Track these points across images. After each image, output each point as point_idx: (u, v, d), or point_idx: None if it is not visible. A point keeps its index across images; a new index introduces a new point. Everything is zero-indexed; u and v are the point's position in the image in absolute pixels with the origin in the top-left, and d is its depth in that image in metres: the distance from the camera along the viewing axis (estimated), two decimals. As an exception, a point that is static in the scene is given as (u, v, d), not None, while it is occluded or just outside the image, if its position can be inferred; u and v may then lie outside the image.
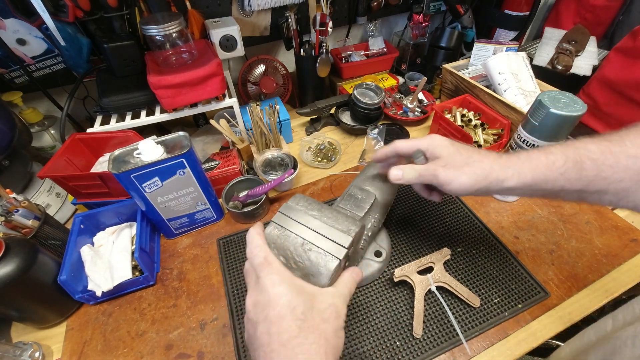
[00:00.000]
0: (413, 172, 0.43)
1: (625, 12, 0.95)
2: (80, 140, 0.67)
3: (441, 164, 0.41)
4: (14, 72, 0.71)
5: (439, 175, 0.40)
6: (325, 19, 0.82)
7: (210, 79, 0.67)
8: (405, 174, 0.43)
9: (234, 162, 0.71)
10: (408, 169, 0.43)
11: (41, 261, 0.50)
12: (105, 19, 0.69)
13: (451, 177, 0.40)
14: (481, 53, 0.93)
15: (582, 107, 0.51)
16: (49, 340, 0.54)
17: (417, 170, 0.43)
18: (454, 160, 0.41)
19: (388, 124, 0.91)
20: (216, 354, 0.50)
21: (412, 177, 0.43)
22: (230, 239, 0.65)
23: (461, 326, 0.51)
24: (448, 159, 0.41)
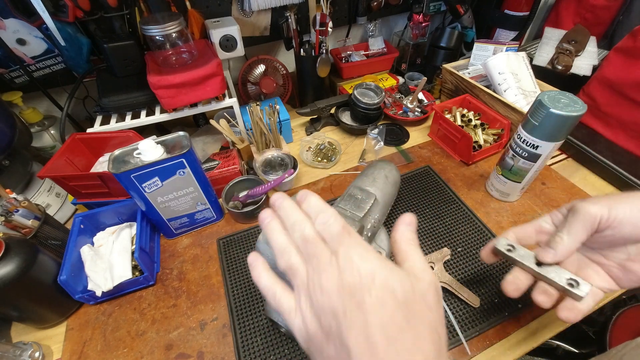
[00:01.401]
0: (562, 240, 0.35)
1: (625, 12, 0.95)
2: (80, 140, 0.67)
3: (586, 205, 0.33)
4: (14, 72, 0.71)
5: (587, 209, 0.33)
6: (325, 19, 0.82)
7: (210, 79, 0.67)
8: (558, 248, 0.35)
9: (234, 162, 0.71)
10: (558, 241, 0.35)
11: (41, 261, 0.50)
12: (105, 19, 0.69)
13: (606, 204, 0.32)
14: (481, 53, 0.93)
15: (582, 107, 0.51)
16: (49, 340, 0.54)
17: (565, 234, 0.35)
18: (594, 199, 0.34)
19: (388, 124, 0.91)
20: (216, 354, 0.50)
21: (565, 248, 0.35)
22: (230, 239, 0.65)
23: (461, 326, 0.51)
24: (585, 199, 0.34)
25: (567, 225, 0.34)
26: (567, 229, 0.34)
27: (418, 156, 0.81)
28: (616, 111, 0.75)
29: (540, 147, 0.56)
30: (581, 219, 0.33)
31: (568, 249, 0.35)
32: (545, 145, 0.55)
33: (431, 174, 0.76)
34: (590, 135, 0.77)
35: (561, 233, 0.35)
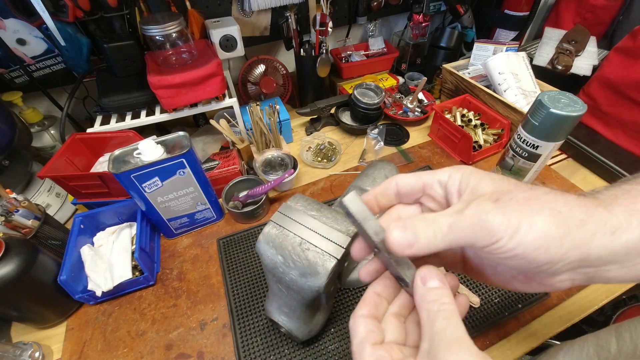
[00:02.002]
0: (434, 226, 0.22)
1: (625, 12, 0.95)
2: (80, 140, 0.67)
3: (487, 200, 0.22)
4: (14, 72, 0.71)
5: (491, 221, 0.21)
6: (325, 19, 0.82)
7: (210, 79, 0.67)
8: (419, 232, 0.22)
9: (234, 162, 0.71)
10: (421, 224, 0.22)
11: (41, 261, 0.50)
12: (105, 19, 0.69)
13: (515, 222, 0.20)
14: (481, 53, 0.93)
15: (582, 107, 0.51)
16: (49, 340, 0.54)
17: (442, 223, 0.22)
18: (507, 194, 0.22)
19: (388, 124, 0.91)
20: (216, 354, 0.50)
21: (433, 237, 0.22)
22: (230, 239, 0.65)
23: (461, 326, 0.51)
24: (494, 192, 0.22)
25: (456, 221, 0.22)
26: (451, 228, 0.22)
27: (418, 156, 0.81)
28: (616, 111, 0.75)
29: (540, 147, 0.56)
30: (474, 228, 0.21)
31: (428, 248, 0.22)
32: (545, 145, 0.55)
33: (431, 174, 0.76)
34: (590, 135, 0.78)
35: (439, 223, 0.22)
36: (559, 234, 0.20)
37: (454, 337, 0.20)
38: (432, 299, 0.21)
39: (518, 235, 0.20)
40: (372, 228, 0.23)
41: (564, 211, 0.21)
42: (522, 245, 0.20)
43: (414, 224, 0.22)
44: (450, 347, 0.19)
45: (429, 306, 0.21)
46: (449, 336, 0.20)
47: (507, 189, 0.22)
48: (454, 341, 0.20)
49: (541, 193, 0.22)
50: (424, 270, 0.23)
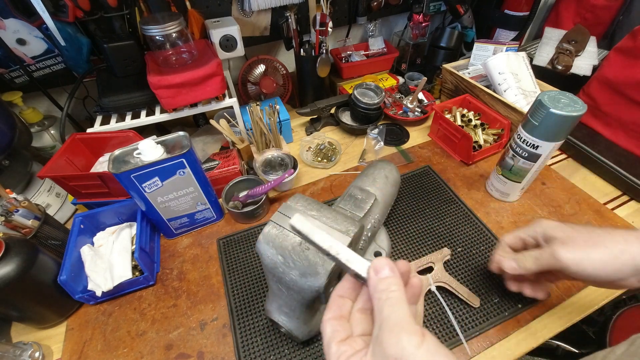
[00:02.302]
0: (528, 258, 0.40)
1: (625, 12, 0.95)
2: (80, 140, 0.67)
3: (559, 243, 0.38)
4: (14, 72, 0.71)
5: (560, 254, 0.36)
6: (325, 19, 0.82)
7: (210, 79, 0.67)
8: (520, 262, 0.41)
9: (234, 162, 0.71)
10: (521, 257, 0.41)
11: (41, 261, 0.50)
12: (105, 19, 0.69)
13: (579, 256, 0.35)
14: (481, 53, 0.93)
15: (582, 107, 0.51)
16: (49, 340, 0.54)
17: (532, 256, 0.40)
18: (574, 238, 0.37)
19: (388, 124, 0.91)
20: (216, 354, 0.50)
21: (528, 264, 0.40)
22: (230, 239, 0.65)
23: (461, 326, 0.51)
24: (566, 238, 0.38)
25: (540, 257, 0.40)
26: (538, 260, 0.40)
27: (418, 156, 0.81)
28: (616, 111, 0.75)
29: (540, 147, 0.56)
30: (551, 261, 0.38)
31: (527, 272, 0.41)
32: (545, 145, 0.55)
33: (431, 174, 0.76)
34: (590, 135, 0.78)
35: (532, 259, 0.40)
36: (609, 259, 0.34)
37: (396, 321, 0.23)
38: (382, 288, 0.24)
39: (581, 265, 0.35)
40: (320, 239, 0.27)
41: (610, 246, 0.35)
42: (584, 271, 0.35)
43: (517, 257, 0.43)
44: (392, 330, 0.22)
45: (379, 295, 0.24)
46: (392, 321, 0.23)
47: (571, 236, 0.38)
48: (395, 325, 0.23)
49: (595, 235, 0.37)
50: (376, 262, 0.26)
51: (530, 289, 0.46)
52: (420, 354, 0.21)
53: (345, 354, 0.25)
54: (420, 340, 0.22)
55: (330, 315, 0.28)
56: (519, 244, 0.46)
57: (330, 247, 0.28)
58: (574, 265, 0.35)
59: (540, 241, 0.42)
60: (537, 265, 0.39)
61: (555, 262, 0.37)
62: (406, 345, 0.21)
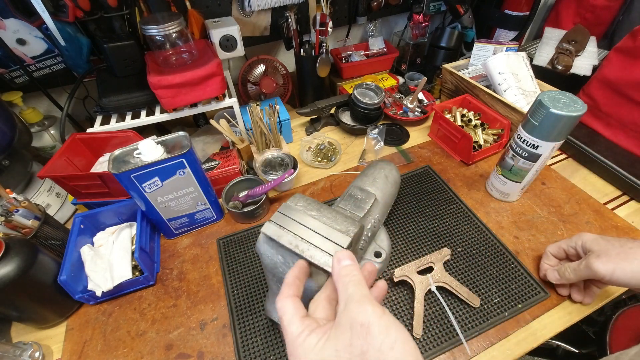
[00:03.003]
0: (568, 269, 0.48)
1: (625, 12, 0.95)
2: (80, 140, 0.67)
3: (594, 256, 0.44)
4: (14, 72, 0.71)
5: (595, 266, 0.43)
6: (325, 19, 0.82)
7: (210, 79, 0.67)
8: (561, 273, 0.49)
9: (234, 162, 0.71)
10: (562, 268, 0.49)
11: (41, 261, 0.50)
12: (105, 19, 0.69)
13: (611, 267, 0.42)
14: (481, 53, 0.92)
15: (582, 107, 0.51)
16: (49, 340, 0.54)
17: (572, 267, 0.47)
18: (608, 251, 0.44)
19: (388, 124, 0.91)
20: (216, 354, 0.50)
21: (568, 275, 0.48)
22: (230, 239, 0.65)
23: (461, 326, 0.51)
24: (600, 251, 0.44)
25: (577, 269, 0.46)
26: (576, 271, 0.47)
27: (418, 156, 0.81)
28: (616, 111, 0.75)
29: (540, 147, 0.56)
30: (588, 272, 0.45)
31: (568, 281, 0.49)
32: (545, 145, 0.55)
33: (431, 174, 0.76)
34: (590, 135, 0.78)
35: (571, 270, 0.48)
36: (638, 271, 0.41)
37: (362, 295, 0.27)
38: (346, 273, 0.30)
39: (615, 274, 0.42)
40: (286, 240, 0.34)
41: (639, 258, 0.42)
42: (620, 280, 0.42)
43: (559, 268, 0.51)
44: (360, 302, 0.27)
45: (344, 278, 0.29)
46: (359, 295, 0.27)
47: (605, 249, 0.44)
48: (362, 298, 0.27)
49: (627, 248, 0.43)
50: (339, 254, 0.31)
51: (578, 294, 0.51)
52: (383, 322, 0.25)
53: (310, 327, 0.28)
54: (382, 312, 0.26)
55: (290, 292, 0.31)
56: (562, 254, 0.52)
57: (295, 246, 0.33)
58: (608, 275, 0.42)
59: (580, 252, 0.48)
60: (576, 276, 0.46)
61: (591, 273, 0.43)
62: (371, 314, 0.26)
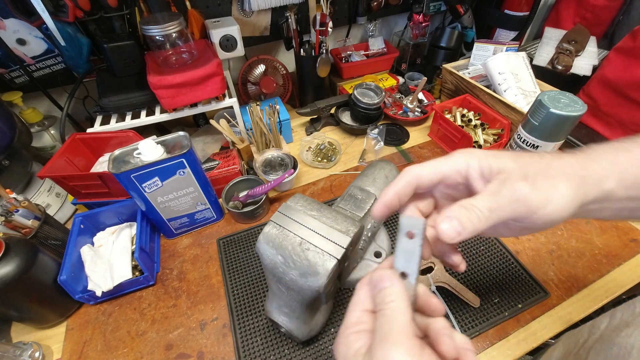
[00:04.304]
0: (476, 211, 0.24)
1: (625, 12, 0.95)
2: (80, 140, 0.67)
3: (516, 177, 0.25)
4: (14, 72, 0.71)
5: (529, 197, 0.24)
6: (325, 19, 0.82)
7: (210, 79, 0.67)
8: (464, 220, 0.24)
9: (234, 162, 0.71)
10: (463, 212, 0.24)
11: (41, 261, 0.50)
12: (105, 19, 0.69)
13: (545, 194, 0.24)
14: (481, 53, 0.93)
15: (582, 107, 0.51)
16: (49, 340, 0.54)
17: (482, 206, 0.24)
18: (527, 165, 0.25)
19: (388, 124, 0.91)
20: (216, 354, 0.50)
21: (477, 221, 0.24)
22: (230, 239, 0.65)
23: (461, 326, 0.51)
24: (519, 169, 0.25)
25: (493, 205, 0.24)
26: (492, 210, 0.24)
27: (418, 156, 0.81)
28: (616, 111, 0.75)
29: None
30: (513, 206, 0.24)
31: (475, 232, 0.24)
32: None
33: (431, 174, 0.76)
34: (590, 135, 0.78)
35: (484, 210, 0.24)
36: (574, 193, 0.25)
37: (387, 333, 0.21)
38: (379, 300, 0.23)
39: (551, 203, 0.24)
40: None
41: (571, 172, 0.25)
42: (556, 211, 0.24)
43: (457, 214, 0.24)
44: (382, 342, 0.21)
45: (378, 306, 0.23)
46: (383, 333, 0.21)
47: (525, 162, 0.26)
48: (387, 336, 0.21)
49: (549, 160, 0.26)
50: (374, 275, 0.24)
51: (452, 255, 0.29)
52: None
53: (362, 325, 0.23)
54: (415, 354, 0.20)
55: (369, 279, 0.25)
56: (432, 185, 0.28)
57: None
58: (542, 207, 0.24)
59: (475, 180, 0.26)
60: (493, 220, 0.24)
61: (519, 207, 0.24)
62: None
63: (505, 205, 0.24)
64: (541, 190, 0.24)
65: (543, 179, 0.25)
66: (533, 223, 0.25)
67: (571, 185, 0.25)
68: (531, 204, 0.24)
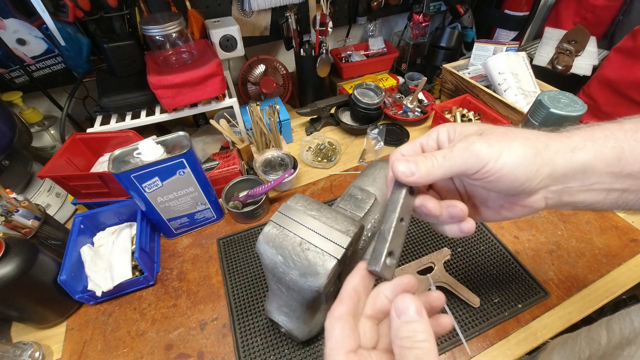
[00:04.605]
0: (431, 158, 0.26)
1: (625, 12, 0.95)
2: (80, 140, 0.67)
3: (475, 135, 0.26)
4: (14, 72, 0.71)
5: (476, 147, 0.25)
6: (325, 19, 0.82)
7: (210, 79, 0.67)
8: (419, 163, 0.26)
9: (234, 162, 0.71)
10: (421, 157, 0.26)
11: (41, 261, 0.50)
12: (105, 19, 0.69)
13: (498, 149, 0.25)
14: (481, 53, 0.93)
15: (582, 107, 0.51)
16: (49, 340, 0.54)
17: (437, 155, 0.26)
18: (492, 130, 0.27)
19: (388, 124, 0.91)
20: (216, 354, 0.50)
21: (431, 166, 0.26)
22: (230, 239, 0.65)
23: (461, 326, 0.51)
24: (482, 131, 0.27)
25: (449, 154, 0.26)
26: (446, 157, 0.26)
27: (418, 156, 0.81)
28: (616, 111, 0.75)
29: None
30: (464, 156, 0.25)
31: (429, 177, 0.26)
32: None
33: (431, 174, 0.76)
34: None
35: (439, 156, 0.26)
36: (531, 153, 0.25)
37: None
38: (405, 335, 0.21)
39: (502, 158, 0.24)
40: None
41: (532, 137, 0.26)
42: (506, 165, 0.24)
43: (415, 158, 0.26)
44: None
45: (402, 342, 0.21)
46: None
47: (487, 127, 0.27)
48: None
49: (513, 128, 0.27)
50: (399, 301, 0.22)
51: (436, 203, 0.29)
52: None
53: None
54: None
55: (343, 310, 0.24)
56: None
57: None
58: (493, 160, 0.24)
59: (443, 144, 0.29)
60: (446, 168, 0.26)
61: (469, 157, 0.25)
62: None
63: (457, 156, 0.25)
64: (493, 145, 0.25)
65: (497, 137, 0.25)
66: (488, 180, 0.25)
67: (528, 145, 0.25)
68: (481, 156, 0.25)
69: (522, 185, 0.25)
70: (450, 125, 0.29)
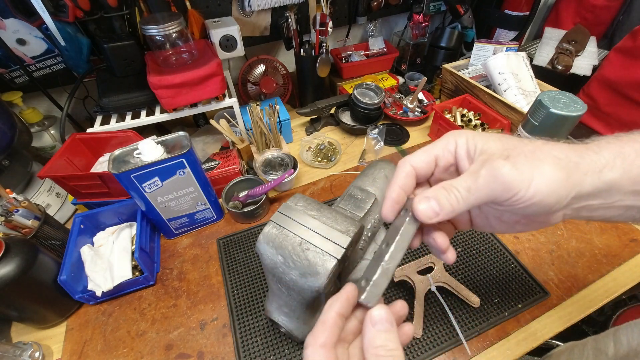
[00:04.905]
0: (454, 191, 0.23)
1: (625, 12, 0.95)
2: (80, 140, 0.67)
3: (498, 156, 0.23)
4: (14, 72, 0.71)
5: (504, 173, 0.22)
6: (325, 19, 0.82)
7: (210, 79, 0.67)
8: (442, 200, 0.24)
9: (234, 162, 0.71)
10: (442, 192, 0.24)
11: (41, 261, 0.50)
12: (105, 19, 0.69)
13: (528, 175, 0.22)
14: (481, 53, 0.93)
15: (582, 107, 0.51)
16: (49, 340, 0.54)
17: (462, 186, 0.24)
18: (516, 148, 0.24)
19: (388, 124, 0.91)
20: (216, 354, 0.50)
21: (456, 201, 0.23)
22: (230, 239, 0.65)
23: (461, 326, 0.51)
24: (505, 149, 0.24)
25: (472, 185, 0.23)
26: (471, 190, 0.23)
27: (418, 156, 0.81)
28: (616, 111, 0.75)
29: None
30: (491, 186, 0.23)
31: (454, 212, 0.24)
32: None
33: (431, 174, 0.76)
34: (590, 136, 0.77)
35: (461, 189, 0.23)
36: (562, 177, 0.22)
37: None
38: (380, 344, 0.22)
39: (533, 186, 0.22)
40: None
41: (562, 157, 0.23)
42: (539, 194, 0.22)
43: (435, 194, 0.24)
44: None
45: (377, 351, 0.22)
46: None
47: (512, 145, 0.24)
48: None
49: (540, 144, 0.24)
50: (374, 312, 0.23)
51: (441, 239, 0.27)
52: None
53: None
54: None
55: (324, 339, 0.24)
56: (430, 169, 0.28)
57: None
58: (524, 189, 0.22)
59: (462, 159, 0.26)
60: (471, 202, 0.23)
61: (496, 187, 0.22)
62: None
63: (483, 186, 0.23)
64: (523, 171, 0.22)
65: (526, 159, 0.23)
66: (516, 208, 0.23)
67: (559, 168, 0.22)
68: (510, 184, 0.22)
69: (550, 209, 0.23)
70: (469, 136, 0.26)
